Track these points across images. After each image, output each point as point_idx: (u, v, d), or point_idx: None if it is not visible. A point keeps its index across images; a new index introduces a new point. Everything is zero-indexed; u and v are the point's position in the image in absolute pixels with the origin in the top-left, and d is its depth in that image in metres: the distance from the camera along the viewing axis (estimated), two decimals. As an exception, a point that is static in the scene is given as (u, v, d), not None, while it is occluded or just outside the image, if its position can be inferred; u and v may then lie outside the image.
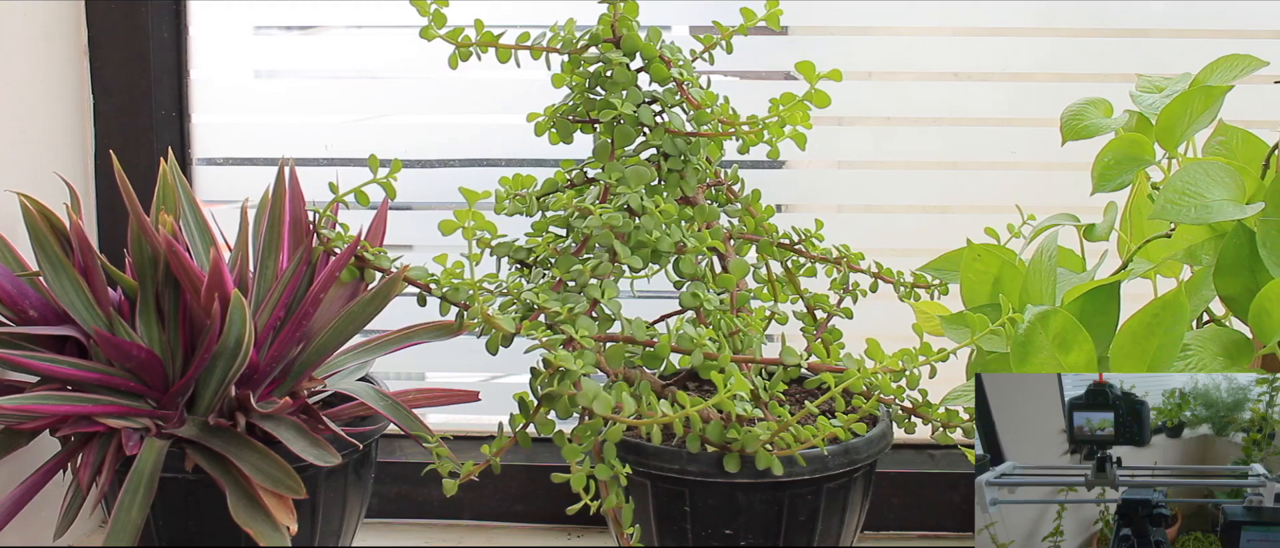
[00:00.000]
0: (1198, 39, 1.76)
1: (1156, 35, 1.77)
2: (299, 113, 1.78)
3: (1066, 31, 1.77)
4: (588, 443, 1.27)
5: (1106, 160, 1.43)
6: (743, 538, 1.35)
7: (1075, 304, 1.38)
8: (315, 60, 1.78)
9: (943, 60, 1.77)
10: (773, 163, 1.82)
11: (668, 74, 1.40)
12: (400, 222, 1.67)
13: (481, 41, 1.43)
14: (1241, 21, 1.75)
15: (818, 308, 1.52)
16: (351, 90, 1.79)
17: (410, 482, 1.65)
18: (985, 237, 1.52)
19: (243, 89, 1.76)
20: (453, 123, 1.80)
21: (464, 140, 1.78)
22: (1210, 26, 1.76)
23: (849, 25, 1.79)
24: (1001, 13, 1.77)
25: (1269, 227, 1.32)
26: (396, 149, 1.74)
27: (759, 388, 1.34)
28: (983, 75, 1.79)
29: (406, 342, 1.46)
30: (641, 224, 1.35)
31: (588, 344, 1.28)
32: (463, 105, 1.78)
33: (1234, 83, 1.41)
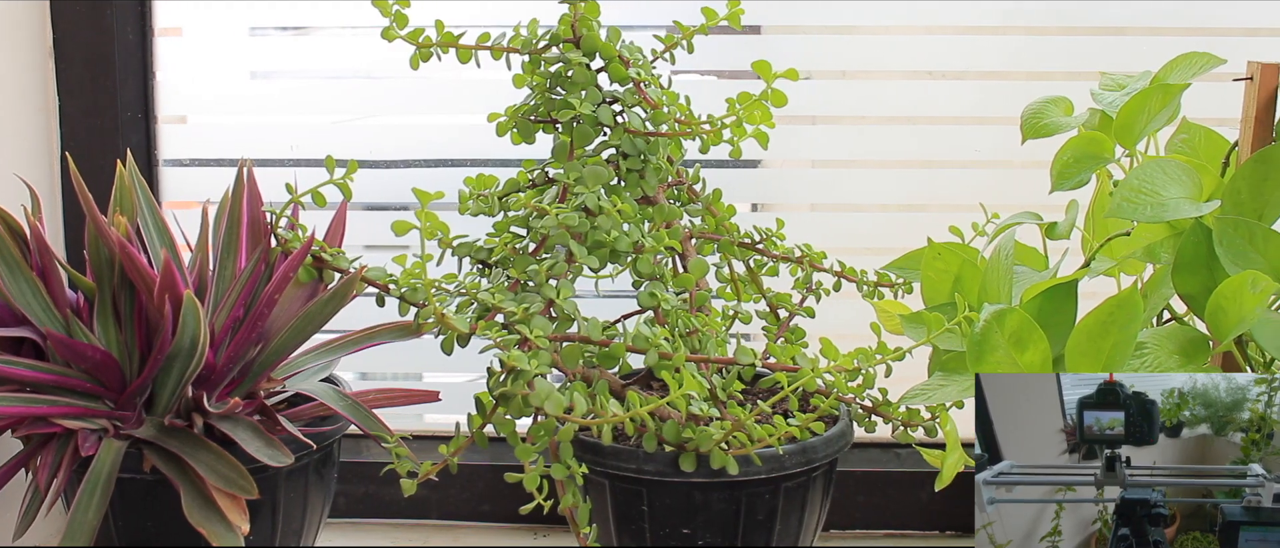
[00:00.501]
0: (1170, 37, 1.76)
1: (1132, 33, 1.77)
2: (274, 113, 1.78)
3: (1038, 30, 1.77)
4: (541, 443, 1.27)
5: (1065, 158, 1.43)
6: (701, 537, 1.35)
7: (1033, 303, 1.38)
8: (294, 62, 1.78)
9: (916, 59, 1.77)
10: (748, 163, 1.82)
11: (626, 74, 1.40)
12: (383, 222, 1.66)
13: (442, 42, 1.43)
14: (1212, 19, 1.75)
15: (780, 307, 1.52)
16: (343, 91, 1.78)
17: (377, 481, 1.66)
18: (953, 235, 1.52)
19: (216, 90, 1.76)
20: (440, 123, 1.80)
21: (441, 141, 1.77)
22: (1182, 24, 1.76)
23: (822, 24, 1.79)
24: (974, 12, 1.77)
25: (1225, 224, 1.32)
26: (386, 149, 1.74)
27: (717, 388, 1.34)
28: (956, 74, 1.79)
29: (368, 342, 1.47)
30: (598, 224, 1.35)
31: (542, 344, 1.28)
32: (455, 106, 1.77)
33: (1192, 80, 1.41)
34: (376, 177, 1.75)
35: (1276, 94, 1.36)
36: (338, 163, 1.34)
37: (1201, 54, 1.42)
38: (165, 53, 1.72)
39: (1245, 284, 1.26)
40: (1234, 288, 1.27)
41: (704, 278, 1.46)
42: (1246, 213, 1.34)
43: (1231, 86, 1.71)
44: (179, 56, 1.73)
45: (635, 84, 1.41)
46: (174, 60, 1.73)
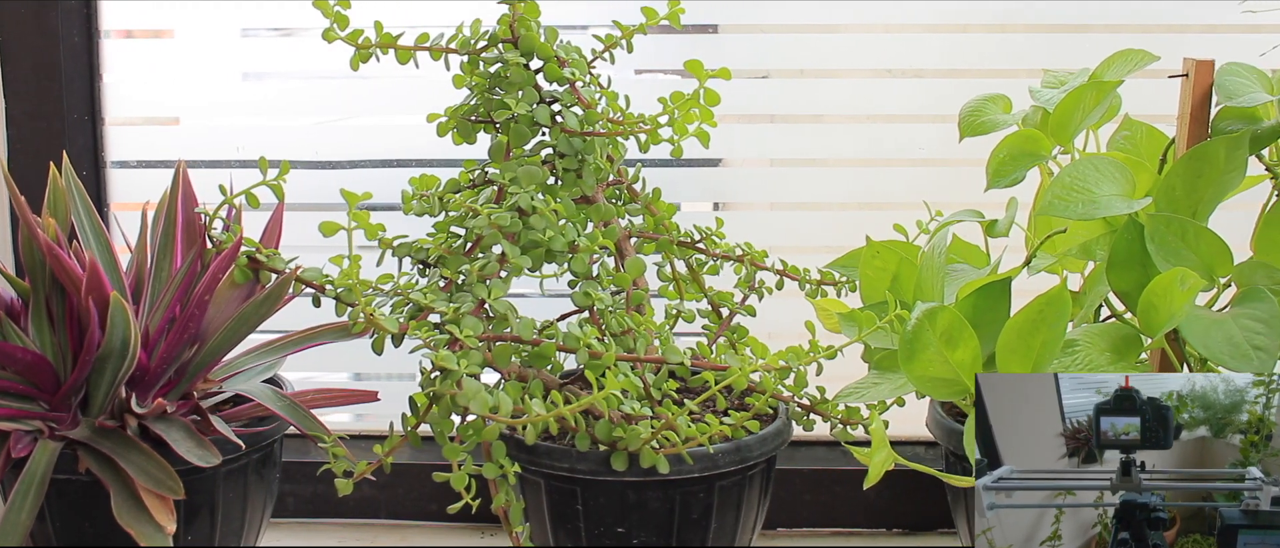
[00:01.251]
0: (1130, 34, 1.76)
1: (1094, 31, 1.77)
2: (261, 114, 1.79)
3: (998, 27, 1.77)
4: (470, 443, 1.28)
5: (1001, 156, 1.43)
6: (636, 536, 1.35)
7: (968, 300, 1.38)
8: (283, 63, 1.78)
9: (874, 58, 1.77)
10: (709, 162, 1.82)
11: (561, 74, 1.40)
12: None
13: (381, 43, 1.43)
14: (1175, 16, 1.75)
15: (722, 306, 1.52)
16: (331, 91, 1.79)
17: (326, 481, 1.66)
18: (896, 233, 1.52)
19: (209, 93, 1.78)
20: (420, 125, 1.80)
21: (423, 142, 1.76)
22: (1141, 21, 1.75)
23: (780, 23, 1.79)
24: (934, 11, 1.76)
25: (1157, 221, 1.32)
26: (370, 150, 1.74)
27: (651, 386, 1.34)
28: (914, 73, 1.79)
29: (310, 342, 1.47)
30: (532, 224, 1.35)
31: (473, 344, 1.28)
32: (440, 105, 1.77)
33: (1125, 77, 1.41)
34: (359, 176, 1.75)
35: (1211, 90, 1.36)
36: (270, 164, 1.35)
37: (1137, 51, 1.42)
38: (157, 54, 1.74)
39: (1175, 281, 1.27)
40: (1164, 285, 1.27)
41: (642, 277, 1.46)
42: (1181, 209, 1.34)
43: (1177, 84, 1.72)
44: (172, 57, 1.75)
45: (570, 84, 1.41)
46: (167, 61, 1.75)
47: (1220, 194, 1.33)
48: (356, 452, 1.35)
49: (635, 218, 1.50)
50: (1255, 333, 1.23)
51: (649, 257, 1.52)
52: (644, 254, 1.51)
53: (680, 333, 1.55)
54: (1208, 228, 1.32)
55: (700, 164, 1.81)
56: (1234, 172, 1.33)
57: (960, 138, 1.47)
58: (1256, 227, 1.39)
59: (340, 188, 1.26)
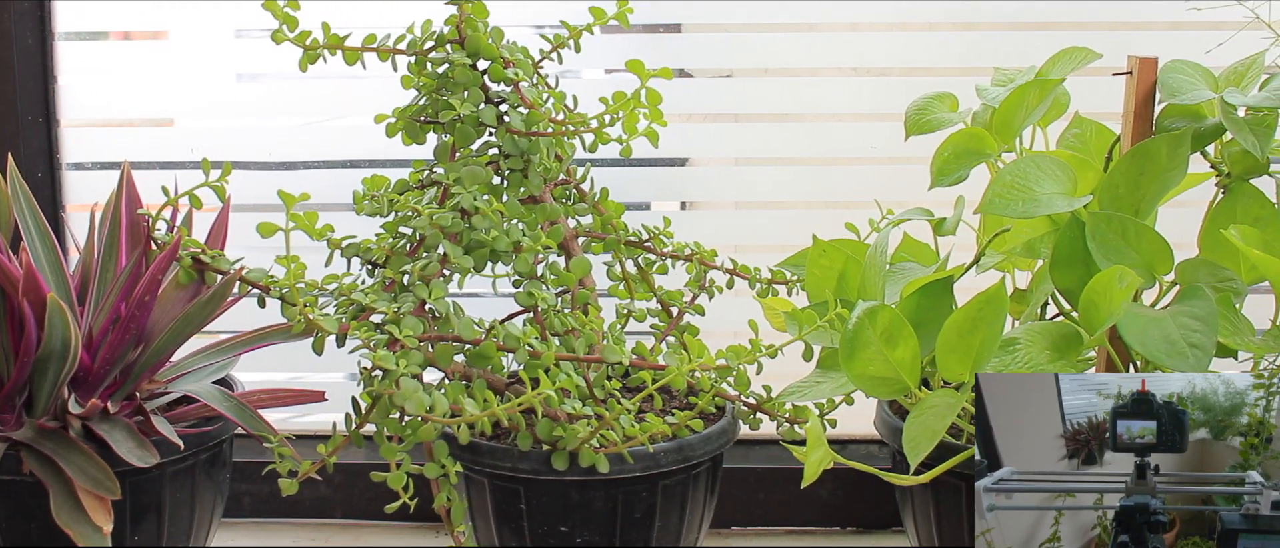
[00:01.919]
0: (1099, 32, 1.76)
1: (1062, 28, 1.76)
2: (253, 115, 1.80)
3: (966, 26, 1.77)
4: (409, 442, 1.28)
5: (946, 155, 1.43)
6: (579, 535, 1.35)
7: (912, 299, 1.38)
8: (276, 63, 1.78)
9: (840, 56, 1.77)
10: (676, 161, 1.82)
11: (504, 74, 1.40)
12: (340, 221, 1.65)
13: (328, 44, 1.44)
14: (1138, 14, 1.74)
15: (672, 305, 1.52)
16: (326, 92, 1.79)
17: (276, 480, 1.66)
18: (848, 231, 1.52)
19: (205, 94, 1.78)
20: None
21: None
22: (1110, 19, 1.75)
23: (744, 22, 1.79)
24: (901, 10, 1.76)
25: (1098, 220, 1.32)
26: (352, 150, 1.74)
27: (594, 386, 1.34)
28: (881, 71, 1.79)
29: (259, 342, 1.48)
30: (475, 224, 1.35)
31: (412, 344, 1.29)
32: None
33: (1067, 75, 1.41)
34: (334, 176, 1.75)
35: (1155, 88, 1.36)
36: (213, 165, 1.35)
37: (1080, 48, 1.42)
38: (150, 55, 1.75)
39: (1114, 279, 1.27)
40: (1104, 283, 1.27)
41: (589, 277, 1.46)
42: (1124, 207, 1.34)
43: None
44: (166, 59, 1.76)
45: (514, 84, 1.41)
46: (162, 62, 1.76)
47: (1162, 191, 1.33)
48: (312, 452, 1.34)
49: (583, 218, 1.50)
50: (1192, 331, 1.23)
51: (599, 257, 1.53)
52: (594, 254, 1.52)
53: (637, 332, 1.56)
54: (1148, 226, 1.32)
55: (667, 164, 1.81)
56: (1176, 169, 1.33)
57: (906, 136, 1.47)
58: (1202, 224, 1.39)
59: (279, 189, 1.26)
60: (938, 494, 1.38)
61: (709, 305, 1.60)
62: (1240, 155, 1.37)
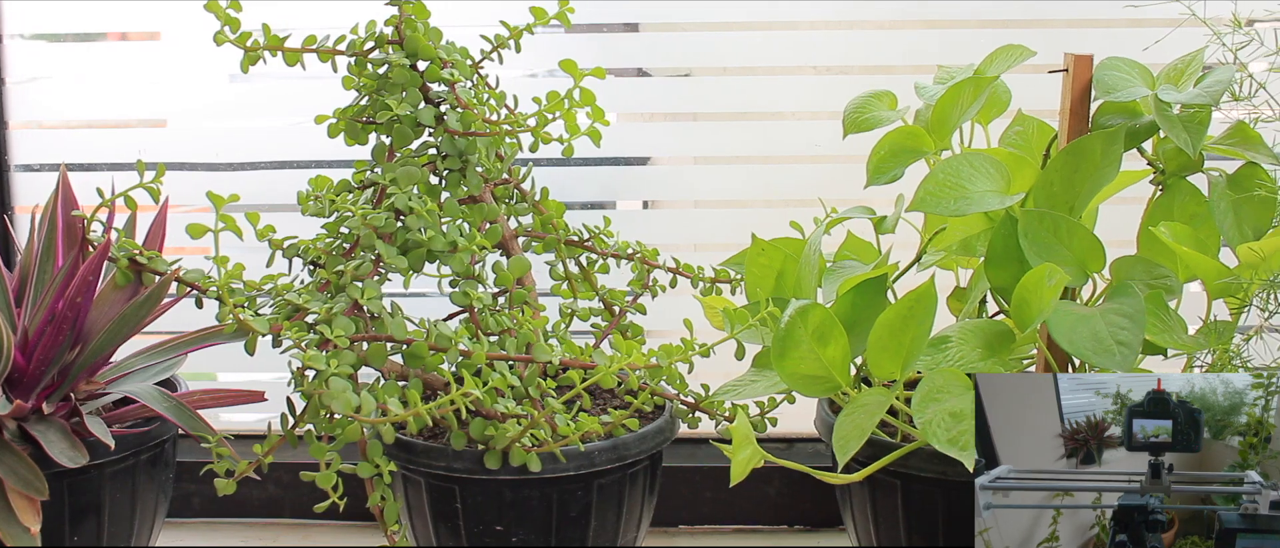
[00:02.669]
0: (1060, 29, 1.76)
1: (1018, 26, 1.76)
2: (247, 116, 1.80)
3: (931, 24, 1.77)
4: (340, 442, 1.28)
5: (882, 153, 1.43)
6: (514, 534, 1.35)
7: (846, 297, 1.39)
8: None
9: (800, 55, 1.77)
10: (638, 160, 1.82)
11: (440, 75, 1.41)
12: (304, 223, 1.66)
13: (269, 45, 1.44)
14: (1098, 12, 1.74)
15: (614, 304, 1.52)
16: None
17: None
18: (794, 230, 1.52)
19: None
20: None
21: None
22: (1070, 16, 1.74)
23: (702, 21, 1.79)
24: (863, 9, 1.76)
25: (1030, 217, 1.32)
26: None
27: (527, 384, 1.34)
28: (840, 69, 1.79)
29: (202, 343, 1.48)
30: (409, 224, 1.35)
31: (343, 344, 1.29)
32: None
33: (1003, 73, 1.41)
34: (290, 177, 1.76)
35: (1090, 85, 1.36)
36: (148, 166, 1.36)
37: (1016, 46, 1.42)
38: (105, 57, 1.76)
39: (1043, 277, 1.27)
40: (1034, 280, 1.27)
41: (528, 276, 1.46)
42: (1059, 204, 1.34)
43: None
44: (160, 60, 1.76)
45: (450, 85, 1.41)
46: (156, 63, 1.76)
47: (1096, 189, 1.33)
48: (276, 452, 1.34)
49: (526, 217, 1.50)
50: (1120, 329, 1.23)
51: (544, 257, 1.53)
52: (536, 254, 1.52)
53: (586, 332, 1.56)
54: (1080, 223, 1.32)
55: (629, 163, 1.82)
56: (1109, 166, 1.33)
57: (844, 135, 1.47)
58: (1141, 221, 1.39)
59: (208, 190, 1.27)
60: (874, 493, 1.38)
61: (659, 305, 1.61)
62: (1175, 152, 1.37)
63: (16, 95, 1.71)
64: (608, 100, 1.78)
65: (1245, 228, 1.32)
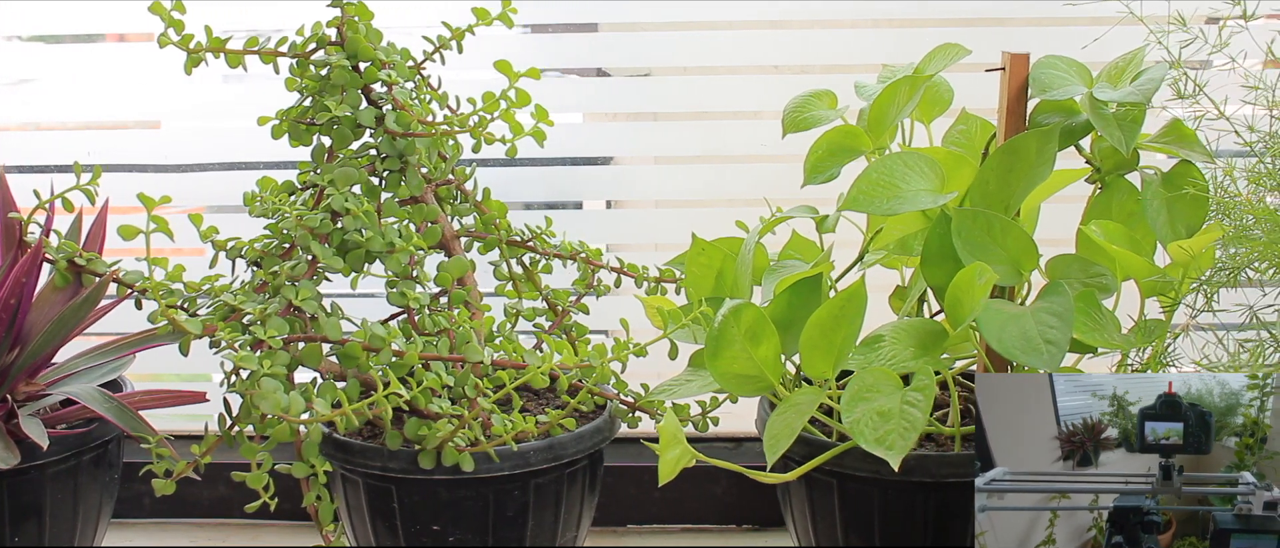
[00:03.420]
0: (1014, 27, 1.75)
1: (980, 24, 1.76)
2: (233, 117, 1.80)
3: (894, 23, 1.77)
4: (271, 442, 1.29)
5: (820, 152, 1.43)
6: (452, 534, 1.36)
7: (783, 296, 1.39)
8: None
9: (760, 54, 1.77)
10: (601, 160, 1.83)
11: (378, 76, 1.41)
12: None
13: (211, 47, 1.45)
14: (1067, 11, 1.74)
15: (558, 304, 1.53)
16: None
17: (183, 481, 1.67)
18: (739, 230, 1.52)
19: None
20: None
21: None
22: (1033, 15, 1.74)
23: (662, 20, 1.79)
24: (824, 9, 1.76)
25: (964, 216, 1.32)
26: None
27: (459, 384, 1.35)
28: (800, 68, 1.79)
29: (148, 344, 1.48)
30: (345, 225, 1.36)
31: (276, 345, 1.29)
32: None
33: (940, 72, 1.41)
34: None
35: (1026, 84, 1.36)
36: (84, 168, 1.36)
37: (952, 45, 1.42)
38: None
39: (974, 276, 1.27)
40: (966, 279, 1.28)
41: (469, 276, 1.46)
42: (994, 203, 1.34)
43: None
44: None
45: (388, 86, 1.42)
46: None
47: (1031, 187, 1.33)
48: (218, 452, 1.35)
49: (466, 218, 1.51)
50: (1049, 327, 1.23)
51: (488, 257, 1.53)
52: (479, 254, 1.52)
53: (530, 332, 1.56)
54: (1013, 222, 1.32)
55: (593, 163, 1.82)
56: (1043, 165, 1.33)
57: (783, 134, 1.47)
58: (1081, 220, 1.39)
59: (139, 192, 1.27)
60: (812, 492, 1.38)
61: (609, 305, 1.61)
62: (1110, 151, 1.37)
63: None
64: (570, 100, 1.80)
65: (1178, 226, 1.32)
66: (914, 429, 1.23)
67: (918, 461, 1.32)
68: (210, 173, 1.77)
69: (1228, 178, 1.32)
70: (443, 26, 1.47)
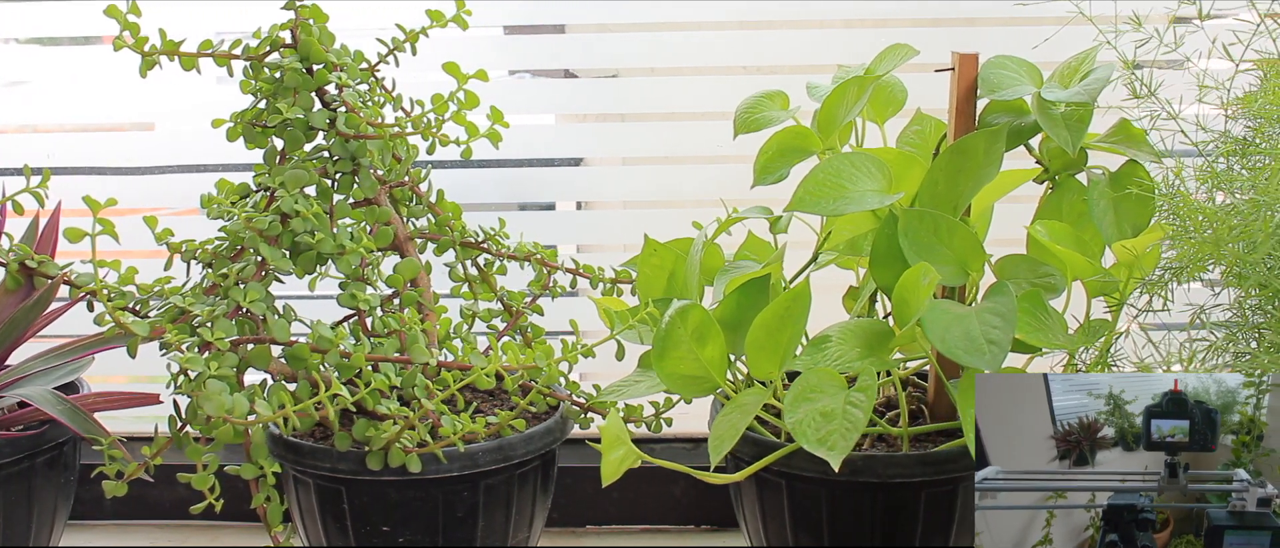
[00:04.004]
0: (987, 27, 1.75)
1: (948, 24, 1.76)
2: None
3: (862, 23, 1.77)
4: (218, 444, 1.29)
5: (769, 153, 1.44)
6: (401, 535, 1.36)
7: (732, 297, 1.39)
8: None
9: (731, 55, 1.77)
10: (571, 161, 1.83)
11: (328, 78, 1.41)
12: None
13: (165, 50, 1.45)
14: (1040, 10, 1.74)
15: (513, 306, 1.53)
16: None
17: (141, 483, 1.67)
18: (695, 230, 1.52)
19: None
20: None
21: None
22: (1004, 15, 1.74)
23: (629, 22, 1.79)
24: (794, 9, 1.76)
25: (910, 216, 1.32)
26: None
27: (406, 384, 1.35)
28: (770, 69, 1.79)
29: (102, 346, 1.49)
30: (293, 227, 1.36)
31: (223, 347, 1.30)
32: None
33: (889, 72, 1.41)
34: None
35: (975, 83, 1.36)
36: (33, 171, 1.37)
37: (902, 45, 1.42)
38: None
39: (919, 276, 1.27)
40: (912, 279, 1.28)
41: (421, 277, 1.46)
42: (943, 203, 1.34)
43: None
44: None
45: (338, 88, 1.42)
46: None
47: (978, 187, 1.33)
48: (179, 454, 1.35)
49: (419, 220, 1.51)
50: (992, 327, 1.23)
51: (449, 260, 1.53)
52: (436, 255, 1.52)
53: (476, 333, 1.56)
54: (960, 222, 1.32)
55: (563, 164, 1.82)
56: (991, 165, 1.33)
57: (734, 135, 1.47)
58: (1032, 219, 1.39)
59: (84, 195, 1.27)
60: (762, 492, 1.38)
61: (568, 306, 1.61)
62: (1058, 151, 1.37)
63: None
64: (544, 101, 1.80)
65: (1124, 226, 1.32)
66: (856, 430, 1.23)
67: (865, 461, 1.32)
68: (204, 174, 1.77)
69: (1176, 177, 1.32)
70: (397, 29, 1.48)
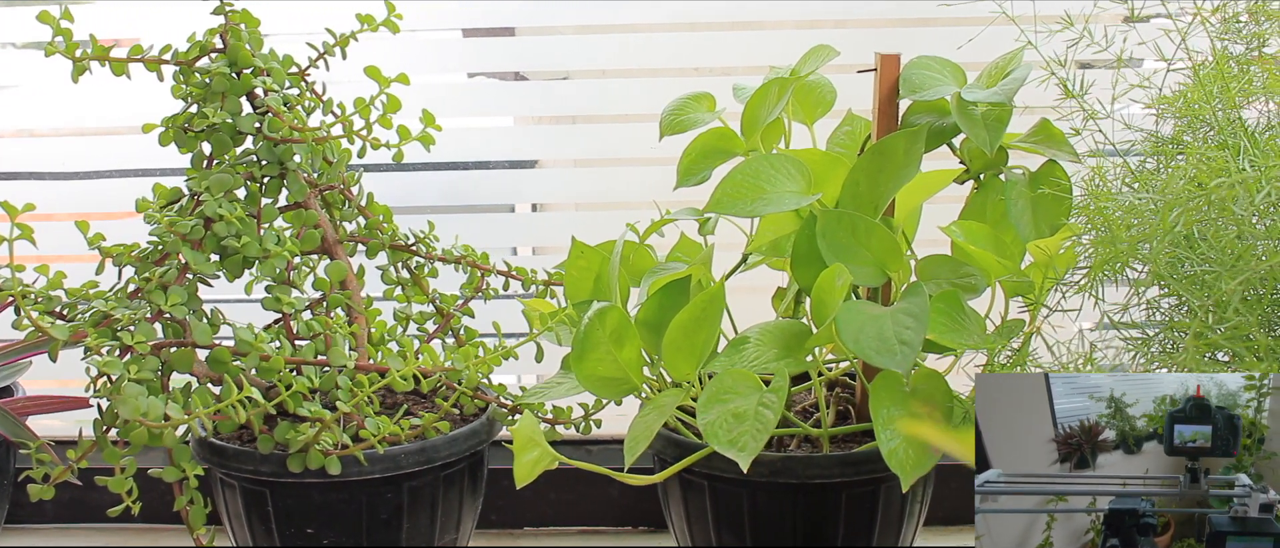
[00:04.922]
0: (962, 26, 1.74)
1: (941, 23, 1.75)
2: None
3: (815, 24, 1.77)
4: (135, 447, 1.30)
5: (693, 154, 1.44)
6: (325, 536, 1.36)
7: (654, 299, 1.39)
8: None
9: (681, 56, 1.78)
10: (526, 163, 1.84)
11: (252, 82, 1.42)
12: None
13: (96, 55, 1.46)
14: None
15: (445, 308, 1.53)
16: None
17: (84, 486, 1.68)
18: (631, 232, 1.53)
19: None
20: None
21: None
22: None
23: (579, 24, 1.80)
24: (744, 9, 1.76)
25: (827, 217, 1.32)
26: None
27: (326, 387, 1.35)
28: (725, 70, 1.79)
29: (33, 351, 1.50)
30: (216, 231, 1.37)
31: (143, 350, 1.30)
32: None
33: (812, 72, 1.41)
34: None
35: (897, 84, 1.36)
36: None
37: (823, 47, 1.42)
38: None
39: (834, 277, 1.27)
40: (828, 280, 1.28)
41: (350, 280, 1.47)
42: (864, 204, 1.34)
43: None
44: None
45: (266, 93, 1.43)
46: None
47: (898, 187, 1.33)
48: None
49: (349, 223, 1.51)
50: (904, 328, 1.23)
51: (372, 261, 1.54)
52: (369, 258, 1.53)
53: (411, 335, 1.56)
54: (878, 223, 1.32)
55: (517, 166, 1.83)
56: (910, 165, 1.33)
57: (660, 136, 1.47)
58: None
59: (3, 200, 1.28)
60: (686, 493, 1.38)
61: (505, 308, 1.62)
62: (980, 150, 1.37)
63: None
64: (501, 104, 1.81)
65: (1042, 225, 1.32)
66: (766, 431, 1.23)
67: (784, 462, 1.32)
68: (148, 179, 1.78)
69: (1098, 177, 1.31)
70: (328, 33, 1.48)
